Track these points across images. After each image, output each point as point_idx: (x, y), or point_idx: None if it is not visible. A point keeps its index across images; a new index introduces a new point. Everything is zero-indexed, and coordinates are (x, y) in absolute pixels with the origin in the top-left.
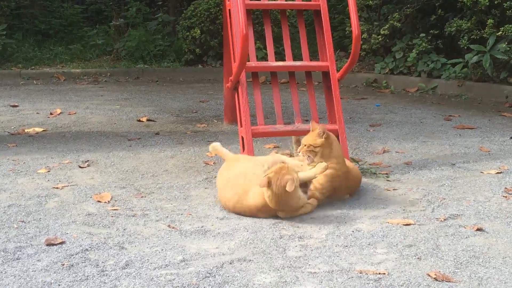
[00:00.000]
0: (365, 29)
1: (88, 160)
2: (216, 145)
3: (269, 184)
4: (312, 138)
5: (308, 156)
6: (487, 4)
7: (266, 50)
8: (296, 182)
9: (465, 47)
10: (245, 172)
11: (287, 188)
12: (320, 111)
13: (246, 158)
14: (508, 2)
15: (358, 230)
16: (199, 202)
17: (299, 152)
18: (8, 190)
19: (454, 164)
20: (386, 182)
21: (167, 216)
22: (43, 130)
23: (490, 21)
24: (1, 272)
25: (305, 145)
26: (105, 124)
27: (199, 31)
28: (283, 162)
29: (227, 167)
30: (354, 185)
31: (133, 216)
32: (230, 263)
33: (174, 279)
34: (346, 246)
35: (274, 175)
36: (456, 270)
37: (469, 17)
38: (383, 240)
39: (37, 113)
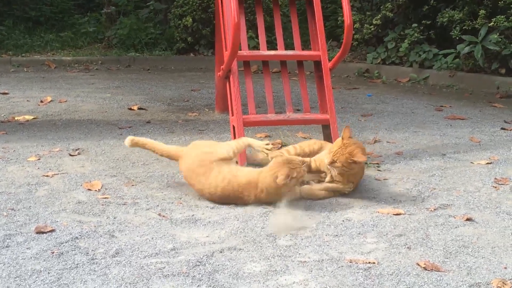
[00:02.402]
0: (357, 19)
1: (78, 148)
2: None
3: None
4: (347, 161)
5: (333, 169)
6: None
7: (258, 39)
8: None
9: (457, 38)
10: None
11: (278, 181)
12: (311, 101)
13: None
14: None
15: (348, 220)
16: (189, 191)
17: (328, 164)
18: None
19: (444, 155)
20: (377, 172)
21: (158, 205)
22: (34, 118)
23: (482, 12)
24: None
25: (335, 161)
26: (96, 112)
27: (191, 19)
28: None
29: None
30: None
31: (124, 204)
32: (220, 252)
33: (164, 268)
34: (336, 235)
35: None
36: (445, 260)
37: (461, 8)
38: (373, 230)
39: (27, 100)
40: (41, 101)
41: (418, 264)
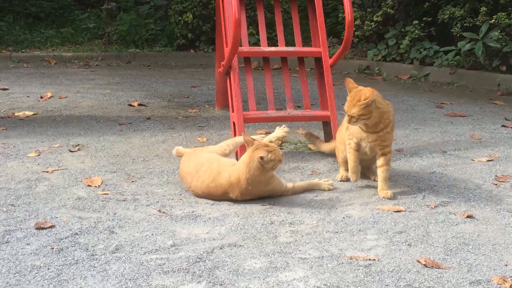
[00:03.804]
0: (358, 16)
1: (78, 144)
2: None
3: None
4: (360, 108)
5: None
6: None
7: (259, 35)
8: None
9: (458, 35)
10: (212, 158)
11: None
12: (312, 97)
13: (202, 149)
14: None
15: (348, 216)
16: None
17: (349, 123)
18: None
19: (445, 152)
20: None
21: (158, 201)
22: (34, 114)
23: (483, 8)
24: None
25: (352, 116)
26: (96, 108)
27: (191, 15)
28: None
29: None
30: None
31: (124, 200)
32: (221, 248)
33: (164, 264)
34: (337, 232)
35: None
36: (445, 257)
37: (462, 5)
38: (373, 227)
39: (27, 96)
40: (41, 97)
41: (419, 261)
